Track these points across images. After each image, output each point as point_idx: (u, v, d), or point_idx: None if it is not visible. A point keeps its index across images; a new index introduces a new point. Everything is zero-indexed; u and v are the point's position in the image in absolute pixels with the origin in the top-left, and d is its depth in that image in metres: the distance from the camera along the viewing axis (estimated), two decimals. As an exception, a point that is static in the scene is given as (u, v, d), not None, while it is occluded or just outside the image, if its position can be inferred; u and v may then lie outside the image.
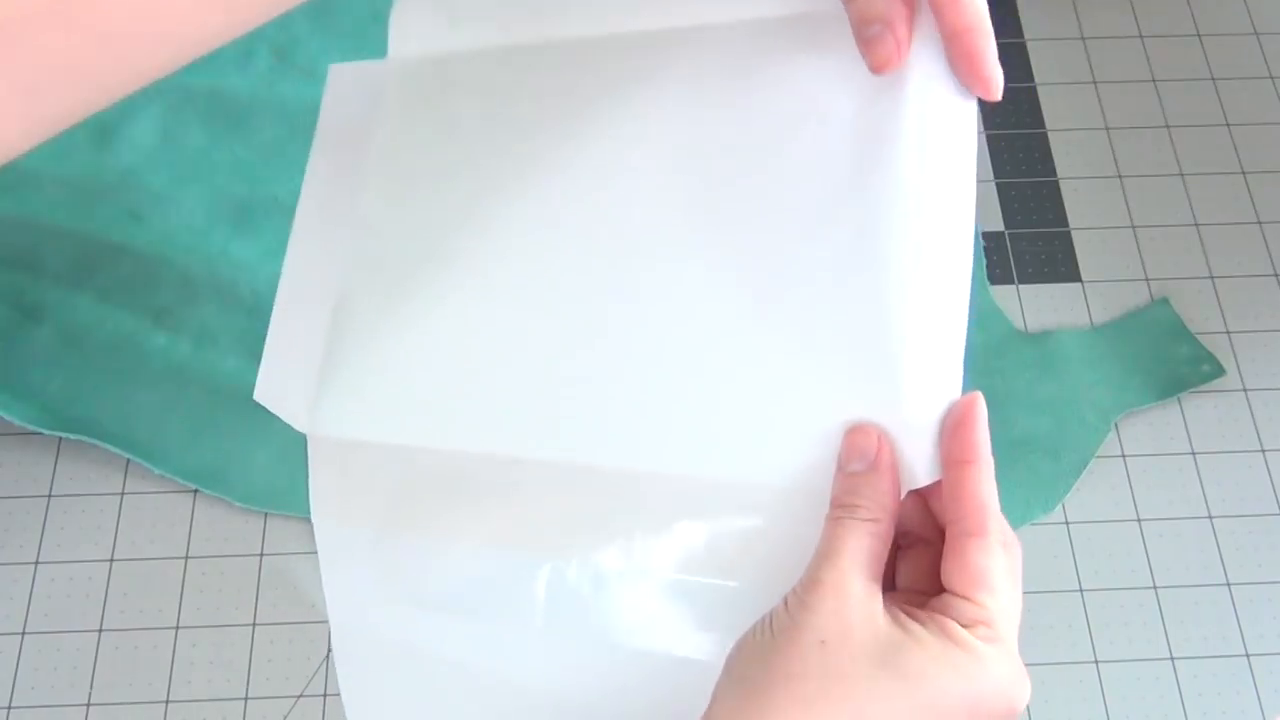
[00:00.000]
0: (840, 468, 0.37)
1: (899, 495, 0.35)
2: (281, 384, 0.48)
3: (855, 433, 0.36)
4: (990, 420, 0.56)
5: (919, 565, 0.37)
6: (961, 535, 0.35)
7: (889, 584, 0.37)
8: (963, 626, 0.34)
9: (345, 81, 0.53)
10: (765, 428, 0.40)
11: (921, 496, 0.37)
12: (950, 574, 0.35)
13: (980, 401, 0.35)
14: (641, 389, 0.43)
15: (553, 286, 0.45)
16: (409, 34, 0.53)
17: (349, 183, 0.51)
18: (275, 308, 0.48)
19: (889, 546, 0.35)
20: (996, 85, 0.36)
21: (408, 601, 0.46)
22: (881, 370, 0.37)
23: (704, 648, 0.42)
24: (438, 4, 0.52)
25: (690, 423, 0.41)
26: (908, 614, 0.34)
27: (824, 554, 0.35)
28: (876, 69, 0.38)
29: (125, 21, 0.32)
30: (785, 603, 0.35)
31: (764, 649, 0.35)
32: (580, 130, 0.47)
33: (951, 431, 0.35)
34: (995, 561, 0.34)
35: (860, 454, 0.36)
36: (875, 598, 0.34)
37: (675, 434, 0.41)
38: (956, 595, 0.34)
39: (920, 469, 0.35)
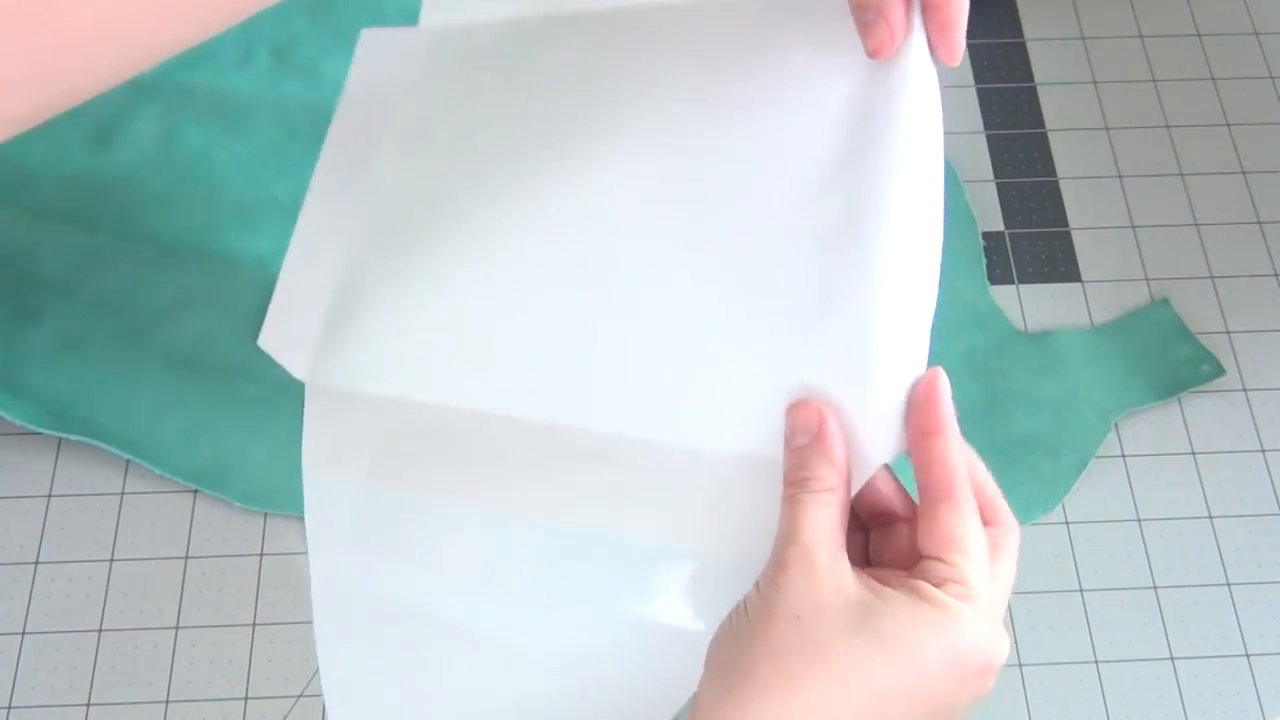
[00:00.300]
0: (787, 444, 0.37)
1: (847, 462, 0.36)
2: (286, 333, 0.48)
3: (797, 408, 0.37)
4: (990, 420, 0.57)
5: (898, 543, 0.37)
6: (932, 502, 0.35)
7: (864, 561, 0.37)
8: (935, 586, 0.34)
9: (375, 47, 0.54)
10: (742, 399, 0.40)
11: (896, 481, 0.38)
12: (923, 538, 0.35)
13: (942, 376, 0.37)
14: (625, 357, 0.43)
15: (549, 258, 0.46)
16: (441, 3, 0.54)
17: (369, 146, 0.52)
18: (286, 261, 0.49)
19: (847, 513, 0.36)
20: (959, 53, 0.39)
21: (388, 554, 0.46)
22: (852, 348, 0.39)
23: (684, 616, 0.42)
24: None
25: (670, 391, 0.42)
26: (879, 580, 0.34)
27: (785, 533, 0.36)
28: (872, 54, 0.39)
29: (89, 26, 0.32)
30: (757, 586, 0.36)
31: (741, 634, 0.35)
32: (588, 105, 0.48)
33: (918, 406, 0.36)
34: (966, 523, 0.35)
35: (804, 428, 0.37)
36: (842, 566, 0.35)
37: (655, 400, 0.42)
38: (929, 557, 0.35)
39: (889, 443, 0.36)
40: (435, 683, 0.45)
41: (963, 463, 0.36)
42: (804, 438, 0.37)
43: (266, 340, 0.48)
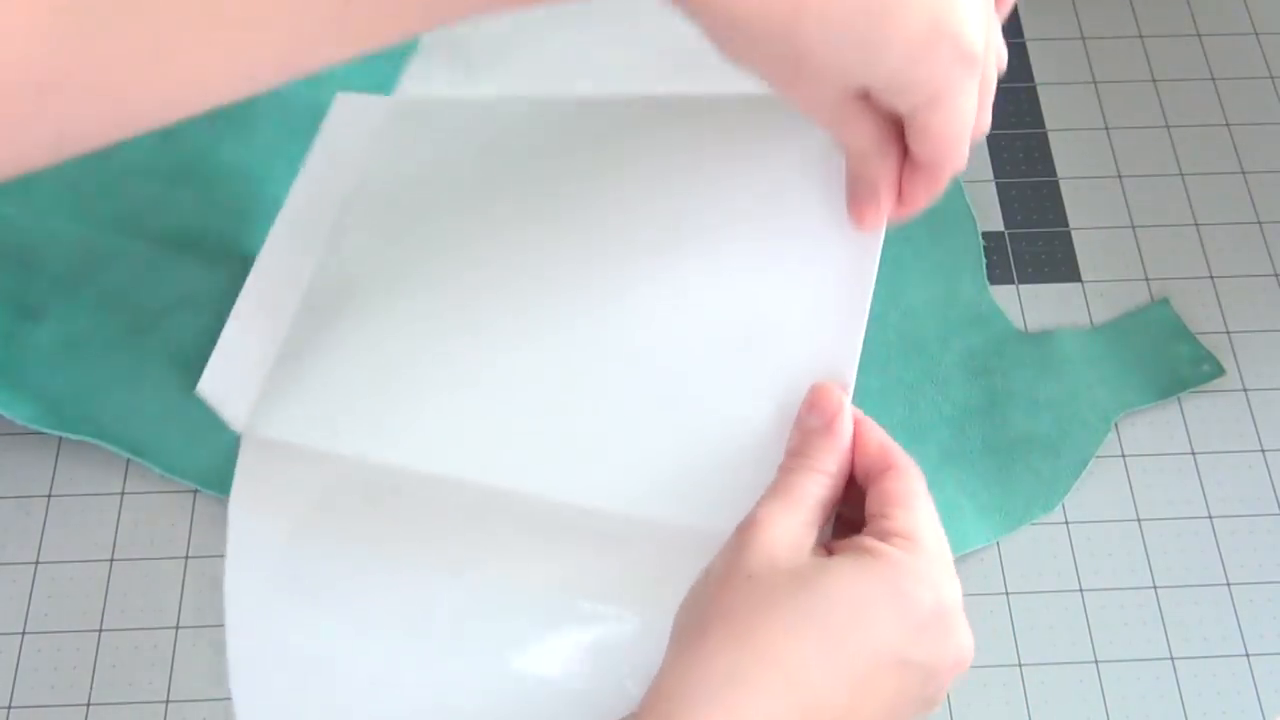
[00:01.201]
0: (798, 421, 0.39)
1: (849, 457, 0.38)
2: (226, 383, 0.49)
3: (818, 389, 0.39)
4: (990, 420, 0.57)
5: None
6: (875, 475, 0.37)
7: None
8: (878, 540, 0.35)
9: (348, 110, 0.55)
10: (676, 469, 0.43)
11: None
12: (870, 503, 0.37)
13: (832, 390, 0.39)
14: (569, 429, 0.45)
15: (501, 330, 0.47)
16: (423, 77, 0.55)
17: (330, 205, 0.53)
18: (234, 312, 0.49)
19: (836, 500, 0.37)
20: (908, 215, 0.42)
21: (311, 602, 0.46)
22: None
23: (600, 682, 0.43)
24: (455, 55, 0.54)
25: (610, 463, 0.44)
26: (830, 549, 0.36)
27: (769, 494, 0.37)
28: (858, 224, 0.42)
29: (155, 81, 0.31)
30: (722, 551, 0.37)
31: (700, 597, 0.36)
32: (558, 183, 0.49)
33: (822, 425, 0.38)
34: (907, 484, 0.37)
35: (819, 410, 0.38)
36: (807, 538, 0.36)
37: (595, 471, 0.44)
38: (873, 516, 0.36)
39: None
40: None
41: (891, 441, 0.38)
42: (816, 420, 0.38)
43: (205, 388, 0.48)
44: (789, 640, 0.34)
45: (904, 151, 0.40)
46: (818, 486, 0.37)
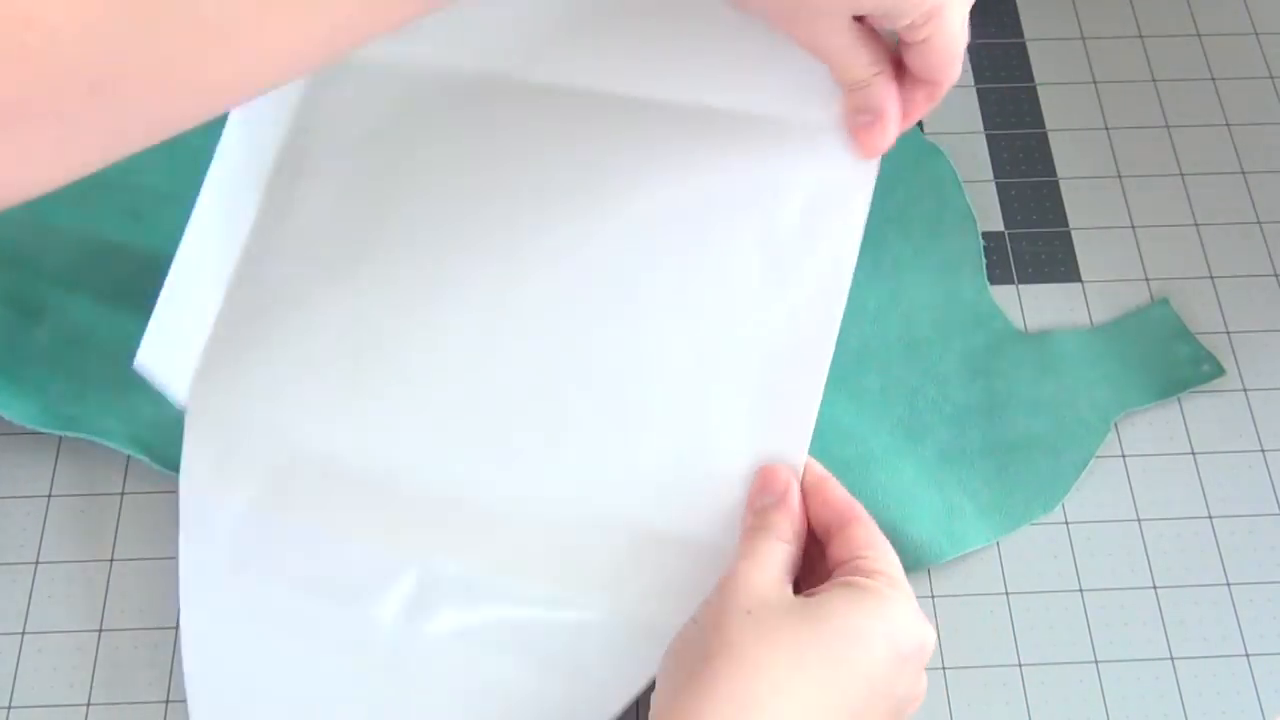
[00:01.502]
0: (751, 501, 0.42)
1: (804, 523, 0.42)
2: (166, 355, 0.49)
3: (767, 470, 0.42)
4: (990, 420, 0.58)
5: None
6: (840, 526, 0.40)
7: None
8: (865, 577, 0.38)
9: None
10: (628, 464, 0.45)
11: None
12: (837, 550, 0.40)
13: (779, 470, 0.43)
14: (514, 426, 0.46)
15: (451, 315, 0.48)
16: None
17: (258, 166, 0.52)
18: (166, 283, 0.49)
19: (799, 559, 0.41)
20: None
21: (266, 578, 0.46)
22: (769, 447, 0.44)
23: (530, 683, 0.44)
24: (415, 37, 0.53)
25: (562, 457, 0.45)
26: (809, 593, 0.39)
27: (741, 554, 0.40)
28: (868, 154, 0.44)
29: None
30: (705, 601, 0.39)
31: (693, 639, 0.38)
32: (521, 177, 0.50)
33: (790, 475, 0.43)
34: (874, 532, 0.40)
35: (770, 490, 0.42)
36: (787, 586, 0.39)
37: (546, 464, 0.45)
38: (852, 558, 0.39)
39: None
40: (315, 708, 0.45)
41: (852, 499, 0.42)
42: (770, 498, 0.41)
43: (144, 361, 0.48)
44: (795, 673, 0.36)
45: (901, 72, 0.42)
46: (781, 551, 0.40)
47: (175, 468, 0.53)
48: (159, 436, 0.52)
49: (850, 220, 0.45)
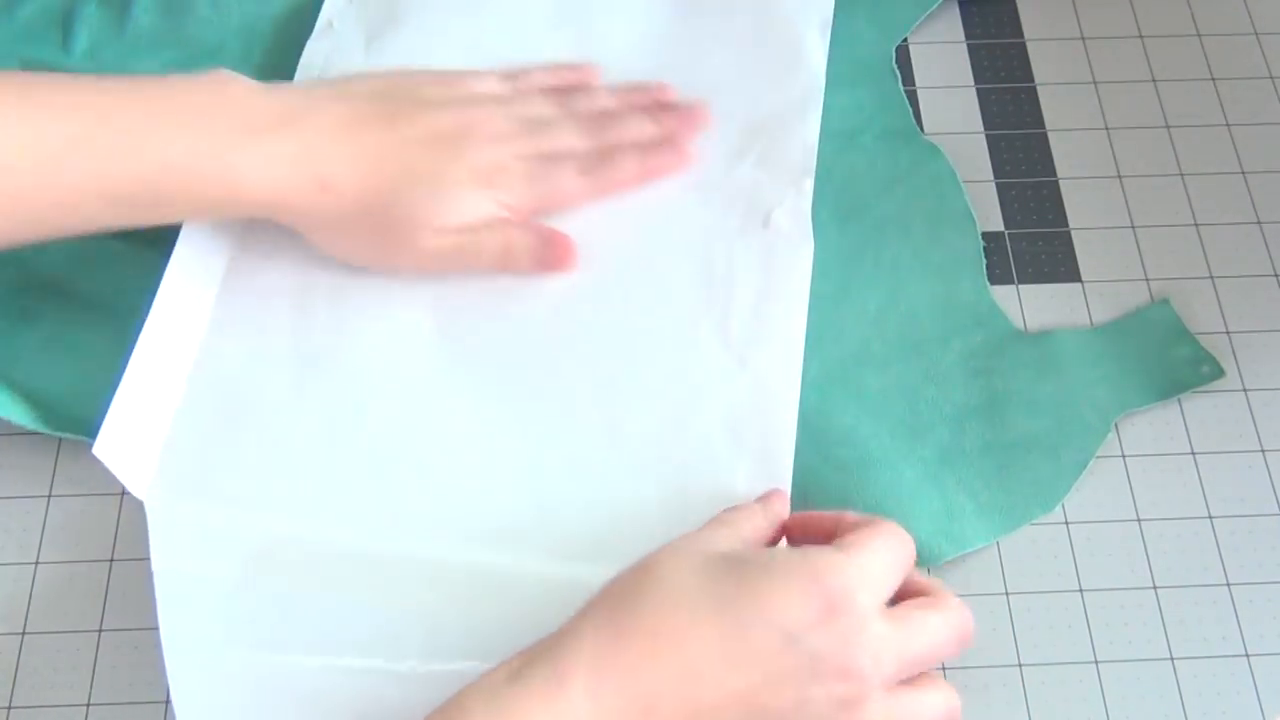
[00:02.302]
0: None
1: (781, 516, 0.45)
2: (124, 442, 0.49)
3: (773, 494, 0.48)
4: (990, 420, 0.58)
5: None
6: (848, 525, 0.42)
7: None
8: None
9: None
10: (601, 534, 0.47)
11: None
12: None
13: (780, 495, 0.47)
14: (474, 494, 0.49)
15: (408, 400, 0.51)
16: (323, 53, 0.62)
17: (225, 241, 0.54)
18: (127, 371, 0.50)
19: (766, 538, 0.44)
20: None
21: (267, 647, 0.46)
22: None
23: None
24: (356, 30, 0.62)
25: (541, 529, 0.48)
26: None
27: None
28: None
29: None
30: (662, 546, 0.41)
31: (630, 575, 0.40)
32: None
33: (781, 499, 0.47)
34: (876, 525, 0.42)
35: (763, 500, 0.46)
36: (738, 545, 0.43)
37: (528, 532, 0.48)
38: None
39: None
40: None
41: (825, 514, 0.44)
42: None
43: (102, 449, 0.48)
44: (716, 609, 0.37)
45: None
46: (746, 522, 0.43)
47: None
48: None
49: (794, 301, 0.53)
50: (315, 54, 0.60)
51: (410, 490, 0.49)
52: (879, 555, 0.40)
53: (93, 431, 0.52)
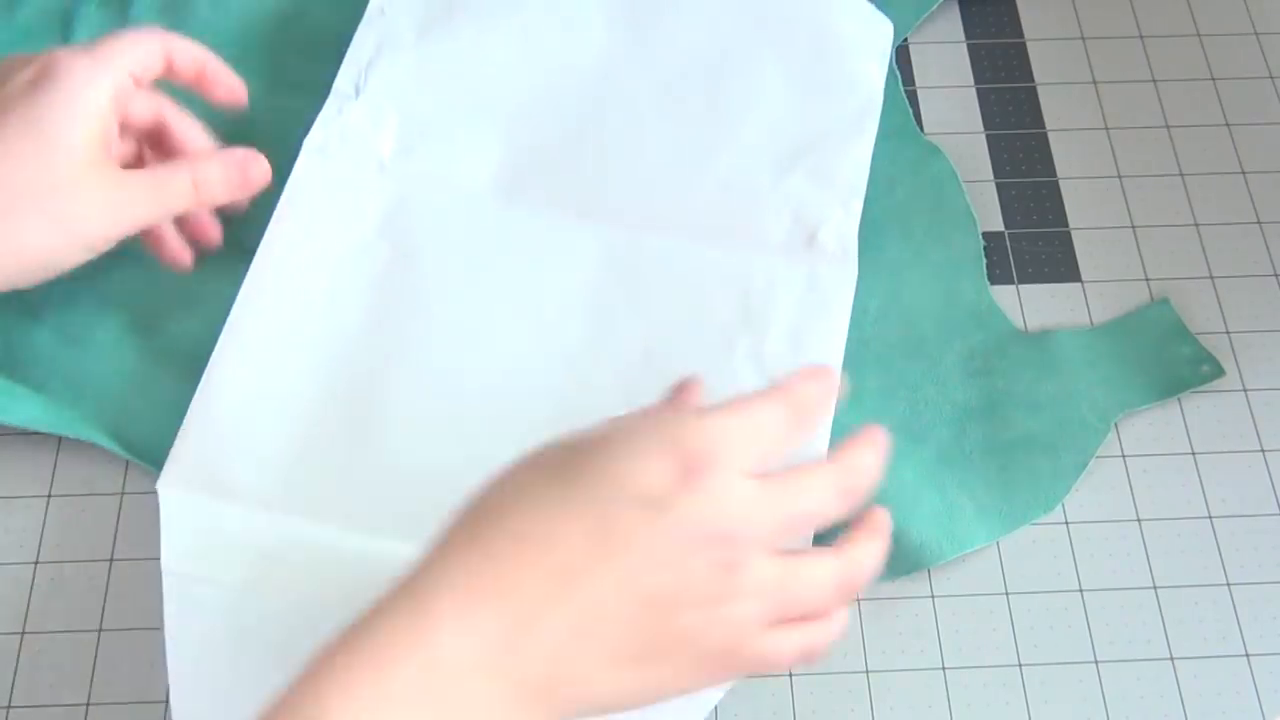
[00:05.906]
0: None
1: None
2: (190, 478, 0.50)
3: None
4: (990, 420, 0.58)
5: None
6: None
7: None
8: None
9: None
10: None
11: None
12: None
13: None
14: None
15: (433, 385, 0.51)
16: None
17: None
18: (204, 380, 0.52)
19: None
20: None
21: (274, 651, 0.46)
22: None
23: None
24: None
25: None
26: None
27: None
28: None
29: None
30: None
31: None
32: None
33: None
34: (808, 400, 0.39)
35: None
36: None
37: None
38: None
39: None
40: None
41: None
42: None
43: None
44: (557, 477, 0.35)
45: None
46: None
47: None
48: (158, 438, 0.52)
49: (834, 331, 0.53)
50: (365, 41, 0.60)
51: (428, 496, 0.48)
52: (745, 416, 0.36)
53: (96, 432, 0.52)
